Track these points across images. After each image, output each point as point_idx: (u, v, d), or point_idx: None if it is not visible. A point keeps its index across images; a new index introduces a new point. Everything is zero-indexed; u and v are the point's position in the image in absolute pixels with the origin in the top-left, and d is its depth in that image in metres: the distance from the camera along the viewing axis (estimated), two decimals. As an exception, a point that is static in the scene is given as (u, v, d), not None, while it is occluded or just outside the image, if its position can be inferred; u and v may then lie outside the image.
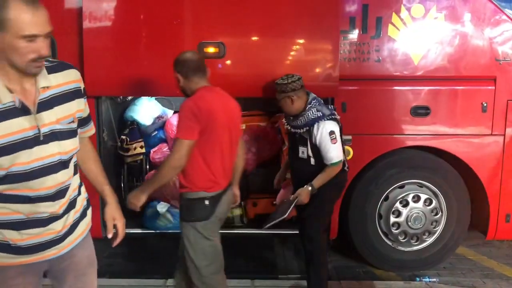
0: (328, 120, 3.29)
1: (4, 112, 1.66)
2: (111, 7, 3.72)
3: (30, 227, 1.79)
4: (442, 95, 3.93)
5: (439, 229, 4.08)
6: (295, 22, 3.71)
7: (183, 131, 2.69)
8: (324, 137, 3.27)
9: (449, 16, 3.80)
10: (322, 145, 3.28)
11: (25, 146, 1.69)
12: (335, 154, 3.29)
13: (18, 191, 1.73)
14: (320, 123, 3.29)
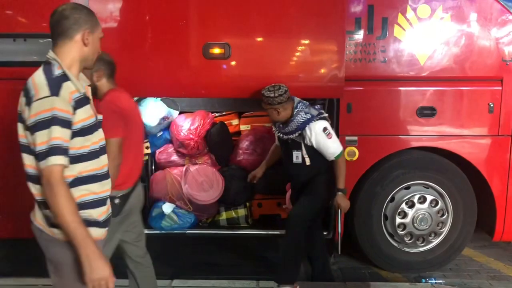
0: (318, 120, 3.41)
1: (83, 99, 1.95)
2: (116, 8, 3.73)
3: (101, 204, 2.04)
4: (448, 95, 3.91)
5: (445, 230, 4.06)
6: (301, 22, 3.71)
7: (109, 131, 2.66)
8: (320, 136, 3.40)
9: (455, 17, 3.78)
10: (321, 144, 3.41)
11: (95, 128, 2.01)
12: (335, 147, 3.42)
13: (91, 170, 1.98)
14: (311, 125, 3.40)
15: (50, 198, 1.83)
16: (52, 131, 1.80)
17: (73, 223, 1.82)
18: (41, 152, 1.82)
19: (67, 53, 1.98)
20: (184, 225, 4.24)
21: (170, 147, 4.66)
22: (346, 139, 3.88)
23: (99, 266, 1.87)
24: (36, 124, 1.81)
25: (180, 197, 4.28)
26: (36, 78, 1.90)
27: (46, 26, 3.79)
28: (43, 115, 1.80)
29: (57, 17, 1.99)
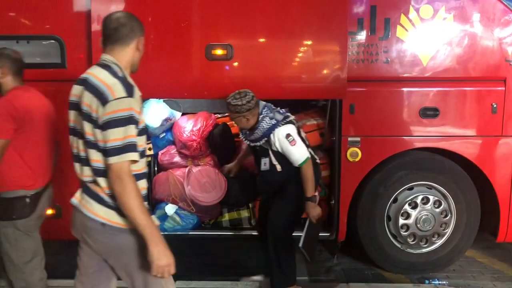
0: (283, 126, 3.34)
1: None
2: (119, 9, 3.74)
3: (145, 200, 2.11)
4: (451, 96, 3.91)
5: (448, 231, 4.05)
6: (303, 23, 3.71)
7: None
8: (283, 142, 3.33)
9: (458, 17, 3.78)
10: (284, 150, 3.36)
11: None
12: (298, 155, 3.34)
13: (143, 168, 2.14)
14: (275, 131, 3.34)
15: (122, 192, 1.95)
16: (128, 129, 1.96)
17: (143, 215, 1.96)
18: (113, 148, 1.94)
19: (122, 58, 2.15)
20: (186, 226, 4.24)
21: (173, 148, 4.66)
22: (349, 140, 3.87)
23: (166, 254, 2.04)
24: (112, 122, 1.94)
25: (183, 198, 4.28)
26: (106, 80, 2.01)
27: (49, 28, 3.85)
28: (121, 113, 1.94)
29: (115, 25, 2.14)
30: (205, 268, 4.28)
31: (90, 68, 2.18)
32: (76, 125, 2.12)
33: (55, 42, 3.77)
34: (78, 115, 2.08)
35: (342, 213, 3.97)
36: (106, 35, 2.16)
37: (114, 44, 2.15)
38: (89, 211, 2.09)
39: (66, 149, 3.85)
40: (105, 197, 2.06)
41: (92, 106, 1.99)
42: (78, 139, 2.11)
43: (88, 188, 2.10)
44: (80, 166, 2.12)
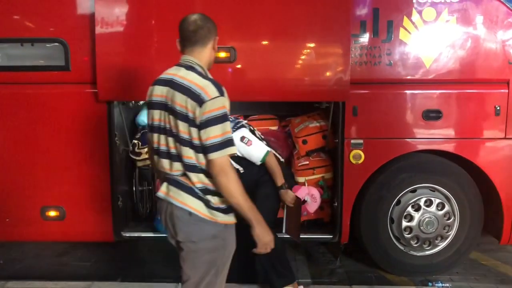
0: (234, 132, 3.44)
1: None
2: (123, 12, 3.77)
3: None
4: (454, 98, 3.90)
5: (451, 234, 4.04)
6: (306, 26, 3.72)
7: None
8: (240, 146, 3.40)
9: (461, 19, 3.77)
10: (244, 153, 3.46)
11: None
12: (257, 152, 3.47)
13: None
14: None
15: (227, 183, 2.14)
16: (226, 126, 2.14)
17: (246, 201, 2.19)
18: (214, 144, 2.11)
19: (202, 58, 2.30)
20: (190, 228, 4.24)
21: (176, 150, 4.67)
22: (352, 142, 3.87)
23: (267, 232, 2.26)
24: (210, 120, 2.10)
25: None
26: (197, 81, 2.17)
27: (53, 30, 3.87)
28: (218, 112, 2.11)
29: (194, 27, 2.27)
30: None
31: (172, 69, 2.32)
32: (161, 123, 2.26)
33: (59, 44, 3.79)
34: (168, 114, 2.21)
35: (345, 215, 3.97)
36: (185, 37, 2.30)
37: (194, 46, 2.29)
38: (178, 201, 2.24)
39: (67, 151, 3.90)
40: (195, 188, 2.22)
41: (188, 107, 2.13)
42: (167, 136, 2.24)
43: (177, 181, 2.25)
44: (169, 162, 2.26)
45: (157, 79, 2.35)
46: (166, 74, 2.30)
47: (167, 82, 2.25)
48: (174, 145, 2.22)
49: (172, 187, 2.27)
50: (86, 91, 3.84)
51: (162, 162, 2.29)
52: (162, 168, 2.30)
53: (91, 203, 3.98)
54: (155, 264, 4.46)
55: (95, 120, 3.89)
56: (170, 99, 2.20)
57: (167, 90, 2.23)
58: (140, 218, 4.56)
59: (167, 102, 2.22)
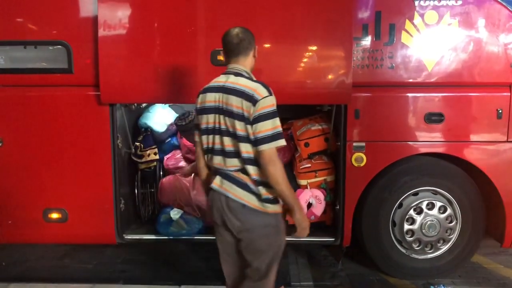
0: None
1: None
2: (126, 15, 3.78)
3: None
4: (457, 101, 3.90)
5: (453, 237, 4.03)
6: (308, 29, 3.73)
7: None
8: None
9: (463, 22, 3.78)
10: None
11: None
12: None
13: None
14: None
15: (275, 171, 2.42)
16: (276, 121, 2.43)
17: (289, 189, 2.48)
18: (265, 137, 2.40)
19: (246, 65, 2.62)
20: (192, 231, 4.24)
21: (178, 153, 4.68)
22: (354, 145, 3.87)
23: (306, 218, 2.56)
24: (262, 116, 2.41)
25: (188, 203, 4.29)
26: (249, 84, 2.48)
27: (56, 33, 3.89)
28: (269, 109, 2.42)
29: (237, 40, 2.58)
30: (211, 273, 4.28)
31: (220, 77, 2.60)
32: (216, 125, 2.54)
33: (62, 47, 3.81)
34: (223, 116, 2.50)
35: (347, 218, 3.97)
36: (229, 49, 2.61)
37: (238, 56, 2.60)
38: (232, 194, 2.51)
39: (70, 154, 3.90)
40: (248, 183, 2.50)
41: (244, 107, 2.43)
42: (222, 136, 2.52)
43: (230, 176, 2.53)
44: (223, 158, 2.54)
45: (207, 87, 2.63)
46: (216, 82, 2.59)
47: (219, 89, 2.54)
48: (231, 143, 2.50)
49: (226, 181, 2.54)
50: (88, 94, 3.85)
51: (216, 159, 2.57)
52: (216, 164, 2.58)
53: (94, 206, 3.99)
54: (157, 267, 4.46)
55: (97, 122, 3.90)
56: (225, 102, 2.49)
57: (220, 95, 2.52)
58: (142, 221, 4.57)
59: (222, 106, 2.50)
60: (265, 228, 2.53)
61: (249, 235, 2.53)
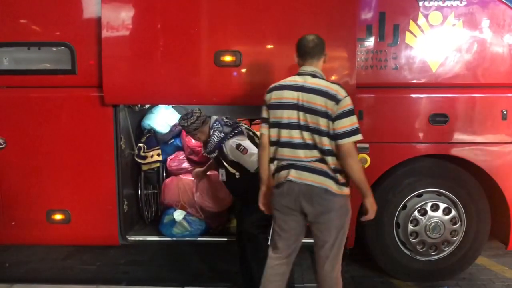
0: (231, 138, 3.61)
1: None
2: (129, 16, 3.78)
3: None
4: (461, 102, 3.88)
5: (458, 239, 4.01)
6: (312, 30, 3.69)
7: None
8: (235, 153, 3.57)
9: (467, 23, 3.76)
10: (238, 160, 3.59)
11: None
12: (252, 162, 3.50)
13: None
14: (225, 144, 3.61)
15: (353, 162, 2.76)
16: (354, 118, 2.76)
17: (364, 177, 2.83)
18: (345, 132, 2.73)
19: (319, 68, 2.93)
20: (195, 232, 4.24)
21: (181, 154, 4.68)
22: (358, 146, 3.85)
23: (374, 203, 2.91)
24: (343, 114, 2.73)
25: (191, 205, 4.29)
26: (329, 85, 2.79)
27: (60, 34, 3.89)
28: (349, 107, 2.75)
29: (312, 44, 2.90)
30: (214, 274, 4.28)
31: (296, 77, 2.88)
32: (293, 120, 2.81)
33: (65, 48, 3.81)
34: (304, 113, 2.78)
35: (351, 220, 3.94)
36: (305, 52, 2.91)
37: (313, 59, 2.91)
38: (314, 182, 2.81)
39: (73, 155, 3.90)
40: (328, 171, 2.80)
41: (328, 106, 2.73)
42: (301, 131, 2.80)
43: (307, 166, 2.82)
44: (304, 151, 2.81)
45: (282, 85, 2.90)
46: (293, 81, 2.87)
47: (298, 88, 2.82)
48: (311, 137, 2.79)
49: (303, 172, 2.83)
50: (92, 95, 3.85)
51: (289, 151, 2.85)
52: (289, 156, 2.85)
53: (97, 207, 3.98)
54: (160, 268, 4.45)
55: (101, 123, 3.90)
56: (306, 100, 2.78)
57: (299, 93, 2.80)
58: (145, 222, 4.57)
59: (302, 104, 2.79)
60: (341, 208, 2.87)
61: (329, 216, 2.85)
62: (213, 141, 3.64)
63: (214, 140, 3.64)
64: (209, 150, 3.69)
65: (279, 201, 2.94)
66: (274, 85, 2.95)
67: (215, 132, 3.65)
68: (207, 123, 3.72)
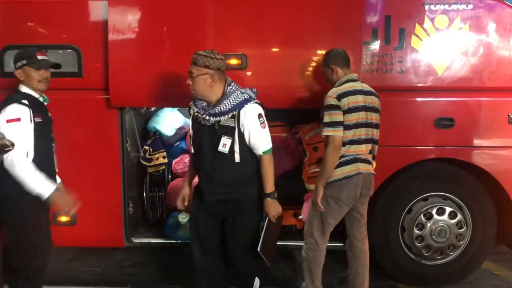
0: (255, 103, 2.98)
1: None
2: (135, 19, 3.80)
3: None
4: (467, 106, 3.87)
5: (464, 243, 3.99)
6: (318, 33, 3.73)
7: None
8: (253, 122, 2.93)
9: (473, 27, 3.75)
10: (252, 131, 2.94)
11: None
12: (266, 140, 3.02)
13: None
14: (248, 106, 2.92)
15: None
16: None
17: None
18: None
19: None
20: (200, 234, 4.23)
21: (187, 157, 4.69)
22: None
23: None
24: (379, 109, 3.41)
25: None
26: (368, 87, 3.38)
27: (67, 37, 3.91)
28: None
29: (346, 54, 3.40)
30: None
31: (353, 83, 3.30)
32: (363, 120, 3.26)
33: (72, 51, 3.83)
34: (369, 112, 3.28)
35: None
36: (345, 62, 3.38)
37: (348, 67, 3.39)
38: (371, 170, 3.40)
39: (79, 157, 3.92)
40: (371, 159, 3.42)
41: (379, 104, 3.38)
42: (368, 128, 3.29)
43: (365, 158, 3.34)
44: (372, 145, 3.38)
45: (352, 90, 3.24)
46: (354, 87, 3.27)
47: (361, 92, 3.27)
48: (371, 133, 3.32)
49: (364, 164, 3.32)
50: (98, 97, 3.87)
51: (362, 147, 3.29)
52: (360, 151, 3.29)
53: (102, 209, 4.00)
54: (165, 270, 4.46)
55: (107, 126, 3.92)
56: (370, 102, 3.29)
57: (363, 97, 3.25)
58: (150, 224, 4.57)
59: (368, 105, 3.27)
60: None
61: (370, 192, 3.44)
62: (233, 99, 2.90)
63: (234, 99, 2.90)
64: (221, 111, 2.89)
65: (347, 193, 3.29)
66: (343, 91, 3.20)
67: (236, 91, 2.95)
68: (225, 77, 3.02)
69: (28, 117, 2.91)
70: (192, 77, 2.93)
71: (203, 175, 3.11)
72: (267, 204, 3.07)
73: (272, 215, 3.08)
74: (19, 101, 2.92)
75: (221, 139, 2.93)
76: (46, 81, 3.09)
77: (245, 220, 3.12)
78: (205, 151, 3.02)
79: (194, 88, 2.95)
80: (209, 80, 2.91)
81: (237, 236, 3.15)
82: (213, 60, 2.89)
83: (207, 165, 3.02)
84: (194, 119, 3.10)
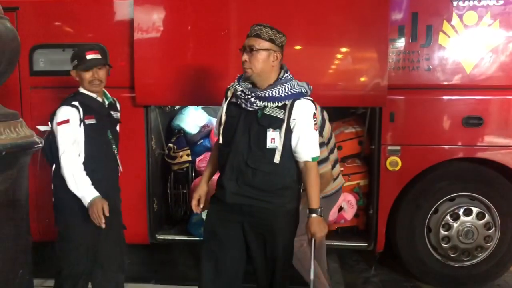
0: (311, 101, 2.53)
1: None
2: (160, 18, 3.83)
3: None
4: (496, 105, 3.79)
5: (492, 245, 3.90)
6: (343, 31, 3.69)
7: None
8: (308, 119, 2.46)
9: (504, 23, 3.66)
10: (304, 130, 2.46)
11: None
12: (316, 144, 2.52)
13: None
14: (304, 100, 2.47)
15: None
16: None
17: None
18: None
19: None
20: (223, 232, 4.24)
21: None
22: (389, 148, 3.81)
23: None
24: None
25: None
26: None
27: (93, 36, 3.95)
28: None
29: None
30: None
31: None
32: None
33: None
34: None
35: (381, 223, 3.90)
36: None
37: None
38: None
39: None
40: None
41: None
42: None
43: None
44: None
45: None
46: None
47: None
48: None
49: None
50: (124, 96, 3.90)
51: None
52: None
53: (127, 206, 4.02)
54: (188, 267, 4.48)
55: (132, 124, 3.95)
56: None
57: None
58: (174, 221, 4.61)
59: None
60: None
61: None
62: (289, 87, 2.46)
63: (291, 87, 2.47)
64: (273, 95, 2.42)
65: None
66: None
67: (292, 80, 2.52)
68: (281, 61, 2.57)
69: (77, 119, 2.86)
70: (251, 52, 2.43)
71: (229, 170, 2.52)
72: (313, 223, 2.49)
73: (319, 236, 2.52)
74: (69, 103, 2.90)
75: (267, 132, 2.43)
76: (98, 81, 2.93)
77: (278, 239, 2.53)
78: (238, 142, 2.48)
79: (252, 65, 2.44)
80: (272, 57, 2.45)
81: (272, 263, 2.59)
82: (279, 35, 2.46)
83: (238, 158, 2.48)
84: (231, 103, 2.57)
